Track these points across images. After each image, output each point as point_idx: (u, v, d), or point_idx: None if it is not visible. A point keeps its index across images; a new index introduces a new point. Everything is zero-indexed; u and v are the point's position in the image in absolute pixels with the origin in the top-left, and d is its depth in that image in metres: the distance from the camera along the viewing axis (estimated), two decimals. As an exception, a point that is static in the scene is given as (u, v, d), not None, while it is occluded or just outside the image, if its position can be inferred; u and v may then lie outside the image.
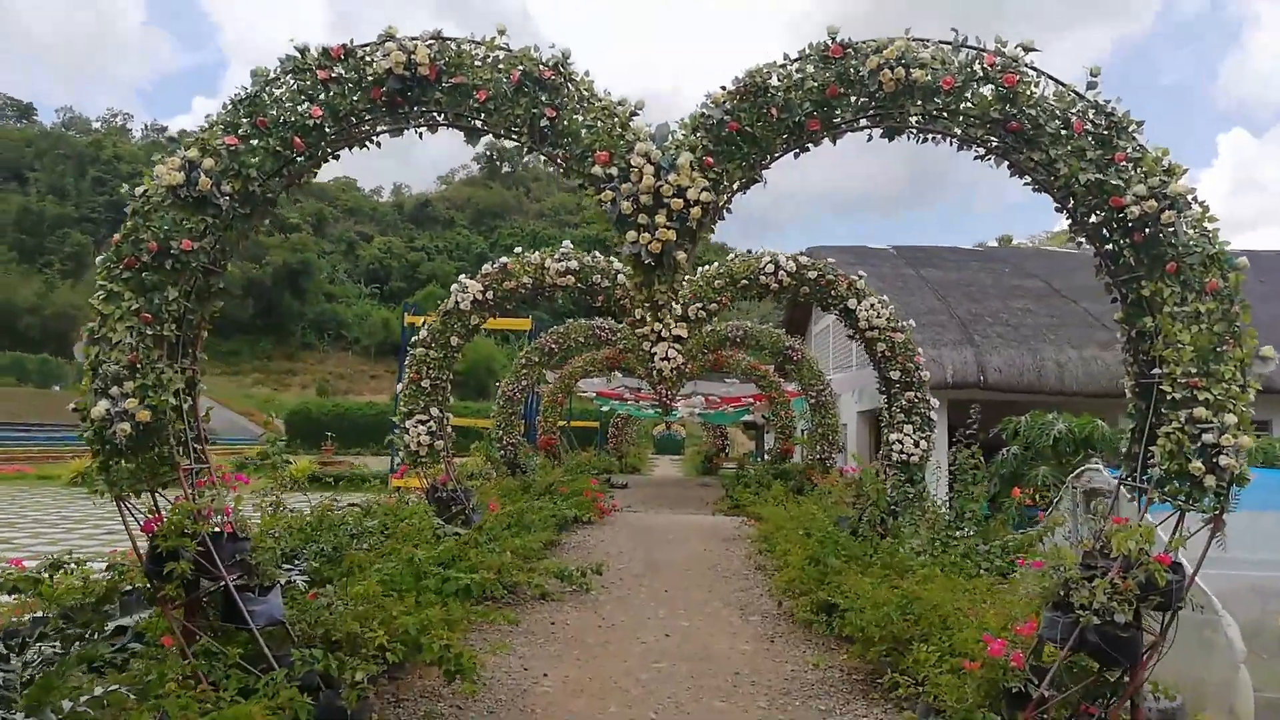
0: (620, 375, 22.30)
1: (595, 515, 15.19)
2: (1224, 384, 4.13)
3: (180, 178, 4.38)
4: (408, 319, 19.13)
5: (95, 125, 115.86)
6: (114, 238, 4.46)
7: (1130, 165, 4.36)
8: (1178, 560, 4.24)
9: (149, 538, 4.34)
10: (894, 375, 9.44)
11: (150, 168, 4.52)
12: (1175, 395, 4.20)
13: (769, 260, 9.57)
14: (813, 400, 16.68)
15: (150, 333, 4.35)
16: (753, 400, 25.41)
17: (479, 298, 9.60)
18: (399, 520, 8.33)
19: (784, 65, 4.58)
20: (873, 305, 9.47)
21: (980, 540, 7.72)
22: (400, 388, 9.73)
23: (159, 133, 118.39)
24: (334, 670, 4.24)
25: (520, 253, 9.84)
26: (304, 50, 4.64)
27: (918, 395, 9.37)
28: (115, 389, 4.28)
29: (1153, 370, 4.39)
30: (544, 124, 4.56)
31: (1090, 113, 4.45)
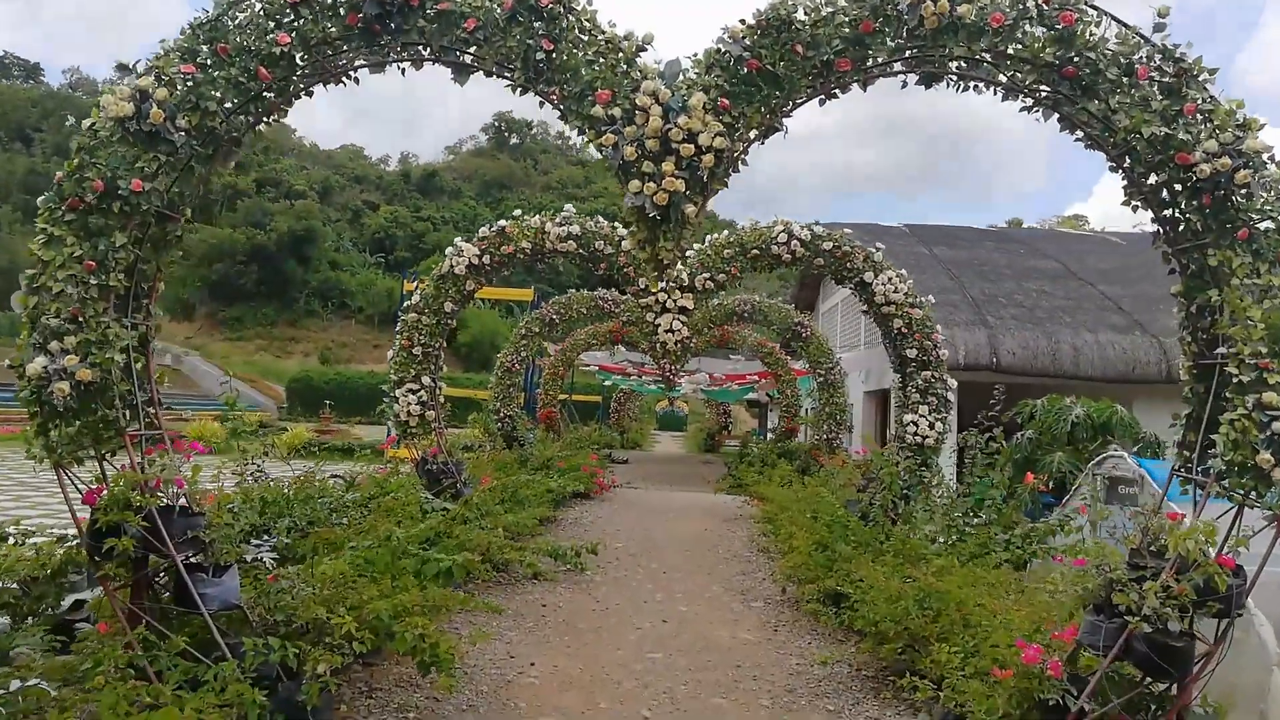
0: (623, 349, 21.84)
1: (594, 491, 14.80)
2: (1300, 367, 3.66)
3: (129, 109, 3.90)
4: (407, 286, 18.65)
5: (101, 86, 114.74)
6: (57, 175, 3.98)
7: (1201, 118, 3.86)
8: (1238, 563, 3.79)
9: (91, 510, 3.91)
10: (910, 353, 8.96)
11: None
12: (1242, 378, 3.73)
13: (781, 229, 9.06)
14: (821, 379, 16.21)
15: (95, 282, 3.89)
16: (758, 378, 24.95)
17: (475, 262, 9.11)
18: (385, 493, 7.92)
19: (812, -3, 4.07)
20: (890, 279, 8.97)
21: (999, 529, 7.27)
22: (390, 355, 9.27)
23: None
24: (292, 661, 3.81)
25: (520, 215, 9.34)
26: (272, -31, 4.14)
27: (935, 374, 8.89)
28: (55, 344, 3.82)
29: (1215, 350, 3.92)
30: (539, 58, 4.06)
31: (1156, 58, 3.95)
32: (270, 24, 4.09)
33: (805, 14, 4.00)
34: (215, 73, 4.03)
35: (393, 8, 4.05)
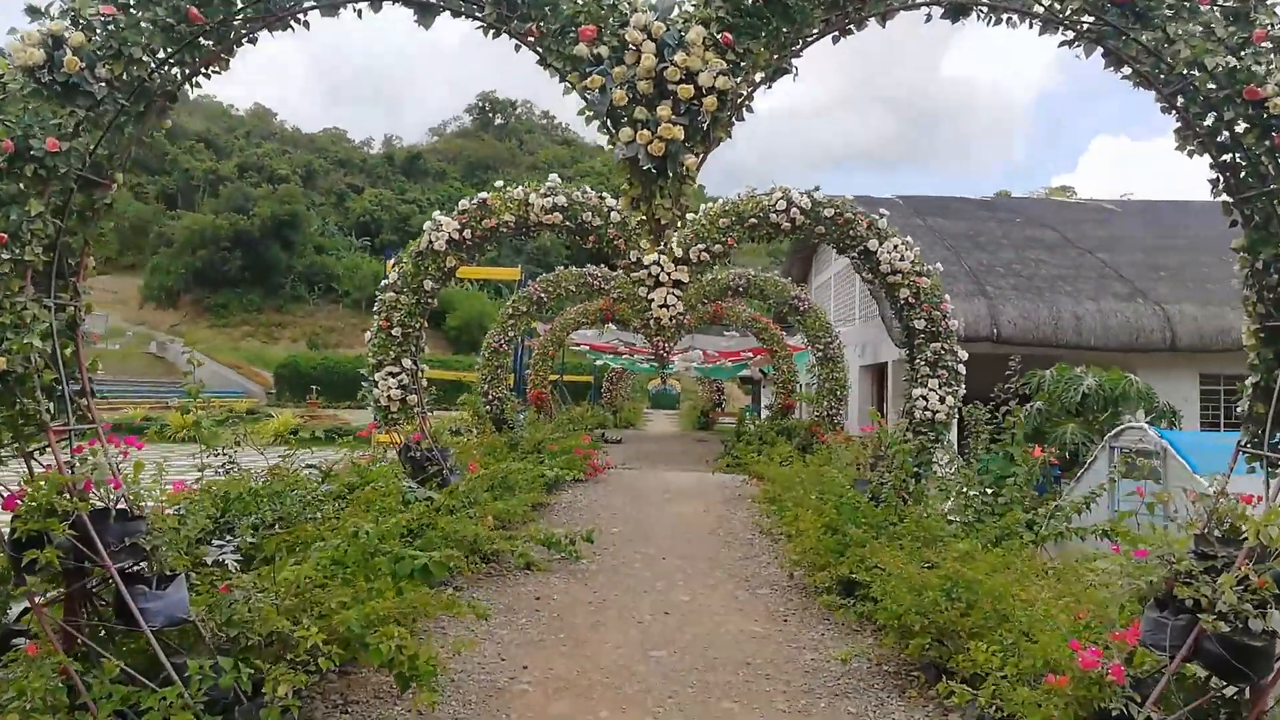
0: (614, 328, 21.36)
1: (587, 473, 14.34)
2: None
3: (40, 57, 3.38)
4: (388, 268, 18.07)
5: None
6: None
7: (1271, 46, 3.37)
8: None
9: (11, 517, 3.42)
10: (918, 325, 8.49)
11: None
12: (1322, 340, 3.28)
13: (780, 196, 8.56)
14: (820, 353, 15.76)
15: (8, 257, 3.38)
16: (752, 354, 24.50)
17: (455, 237, 8.59)
18: (365, 483, 7.44)
19: (824, -85, 3.56)
20: (895, 247, 8.49)
21: (1020, 508, 6.84)
22: (368, 337, 8.76)
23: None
24: (244, 684, 3.34)
25: (502, 187, 8.81)
26: (206, -106, 3.61)
27: (944, 346, 8.43)
28: (-37, 329, 3.33)
29: (1288, 309, 3.46)
30: (514, -10, 3.55)
31: (1220, -23, 3.46)
32: (203, -44, 3.56)
33: (819, -67, 3.50)
34: (139, 14, 3.51)
35: (344, -65, 3.53)
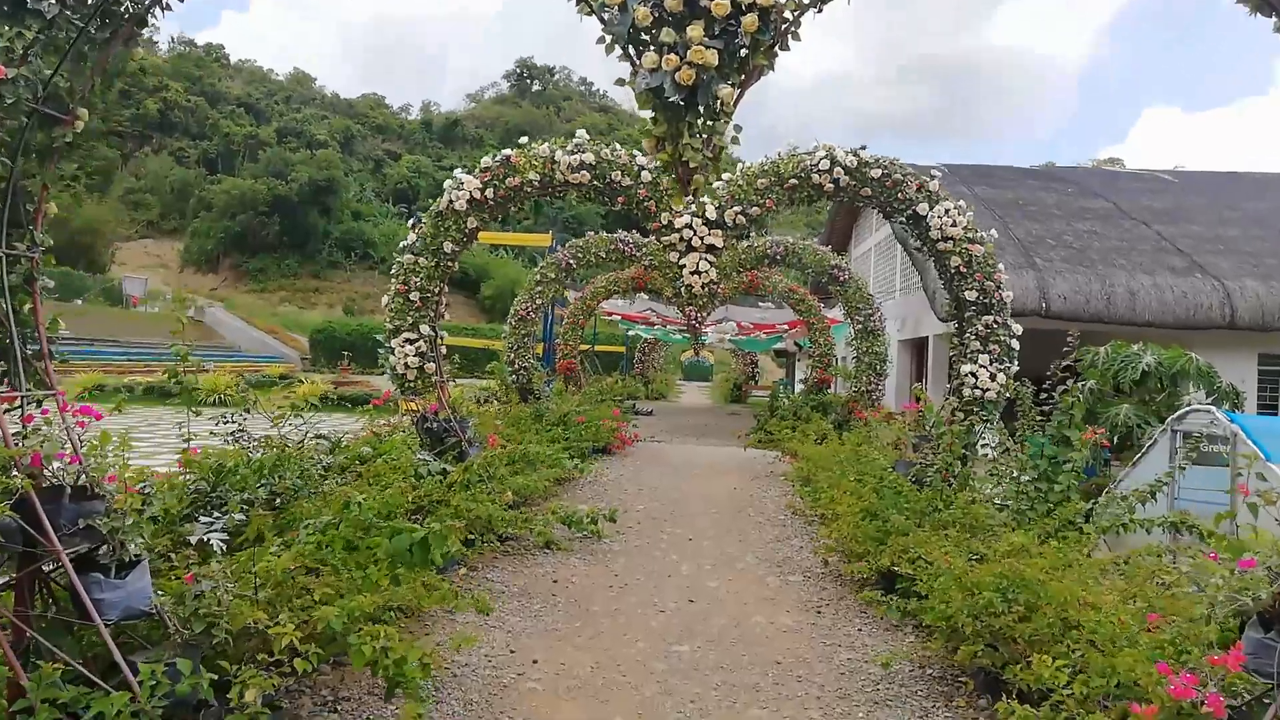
0: (646, 298, 20.83)
1: (615, 446, 13.93)
2: None
3: (-22, -35, 2.94)
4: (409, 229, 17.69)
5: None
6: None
7: None
8: None
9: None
10: (969, 296, 7.91)
11: (176, 80, 3.07)
12: None
13: (824, 155, 7.99)
14: (859, 326, 15.14)
15: (-54, 198, 2.97)
16: (788, 327, 23.87)
17: (476, 196, 8.12)
18: (377, 454, 7.06)
19: None
20: (947, 211, 7.89)
21: (1078, 496, 6.30)
22: (385, 301, 8.35)
23: (186, 45, 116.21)
24: (206, 691, 2.95)
25: (527, 144, 8.32)
26: None
27: (997, 319, 7.85)
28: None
29: None
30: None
31: None
32: None
33: None
34: (94, -81, 3.06)
35: None
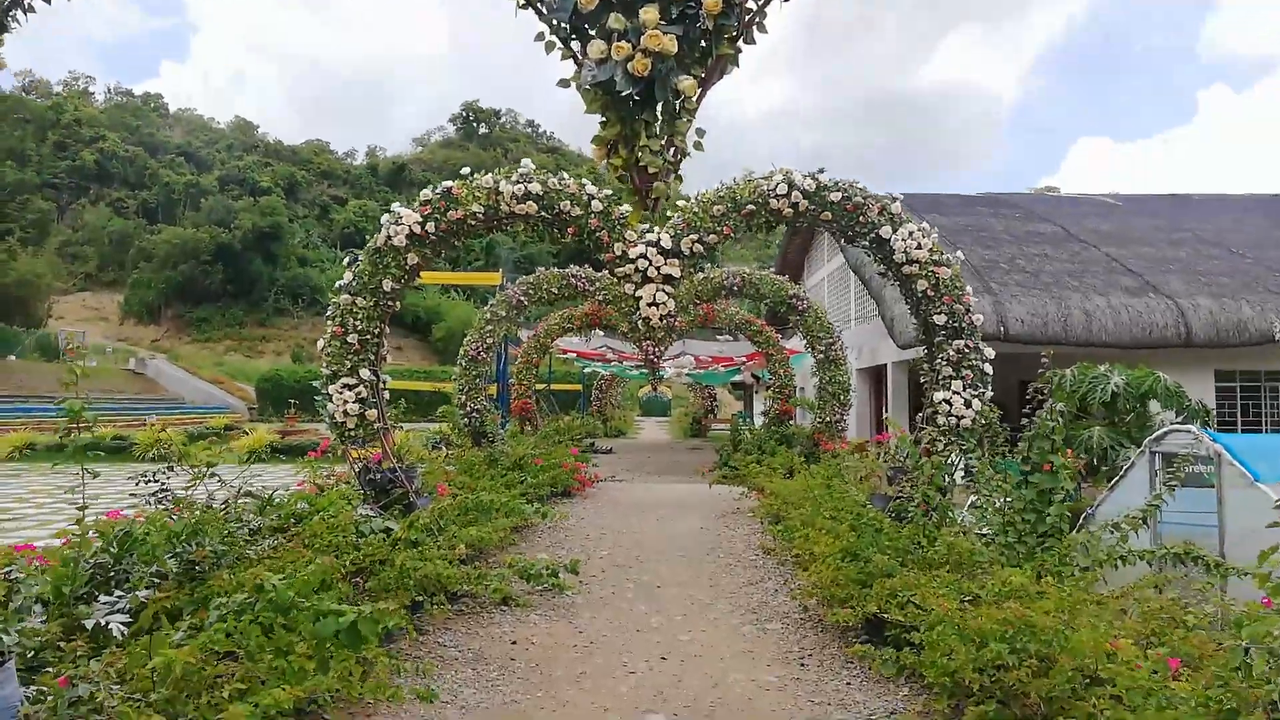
0: (601, 334, 20.42)
1: (575, 488, 13.40)
2: None
3: None
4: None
5: (57, 89, 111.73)
6: None
7: None
8: None
9: None
10: (938, 320, 7.59)
11: (114, 130, 2.54)
12: None
13: (781, 179, 7.66)
14: (820, 355, 14.84)
15: None
16: (746, 359, 23.59)
17: (417, 231, 7.64)
18: (315, 511, 6.47)
19: None
20: (911, 234, 7.60)
21: (1064, 524, 5.94)
22: (321, 345, 7.78)
23: (124, 95, 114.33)
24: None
25: (470, 175, 7.88)
26: None
27: (969, 344, 7.53)
28: None
29: None
30: None
31: None
32: None
33: None
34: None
35: None
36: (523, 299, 14.07)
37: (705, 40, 2.66)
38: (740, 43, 2.87)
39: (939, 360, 7.63)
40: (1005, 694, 3.77)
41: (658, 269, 7.67)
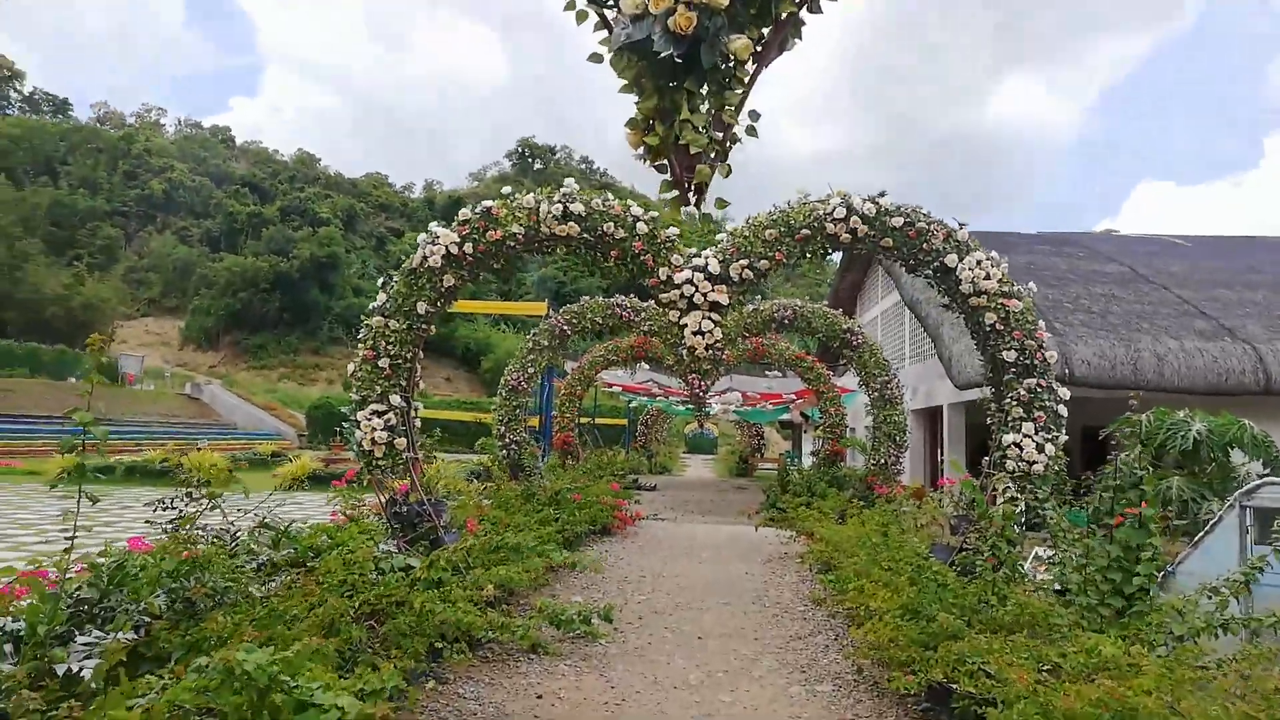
0: (647, 366, 19.98)
1: (614, 526, 12.90)
2: None
3: None
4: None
5: (130, 121, 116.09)
6: None
7: None
8: None
9: None
10: (1008, 356, 7.01)
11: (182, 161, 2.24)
12: None
13: (839, 203, 7.18)
14: (875, 393, 14.20)
15: None
16: (795, 396, 22.94)
17: (454, 251, 7.31)
18: (335, 545, 6.08)
19: None
20: (979, 263, 7.05)
21: (1151, 585, 5.30)
22: (351, 369, 7.45)
23: (193, 127, 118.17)
24: None
25: (510, 194, 7.54)
26: None
27: (1041, 382, 6.93)
28: None
29: None
30: None
31: None
32: None
33: None
34: None
35: None
36: (566, 328, 13.71)
37: (763, -3, 2.22)
38: (805, 10, 2.44)
39: (1008, 400, 7.03)
40: (1104, 793, 3.18)
41: (704, 295, 7.23)
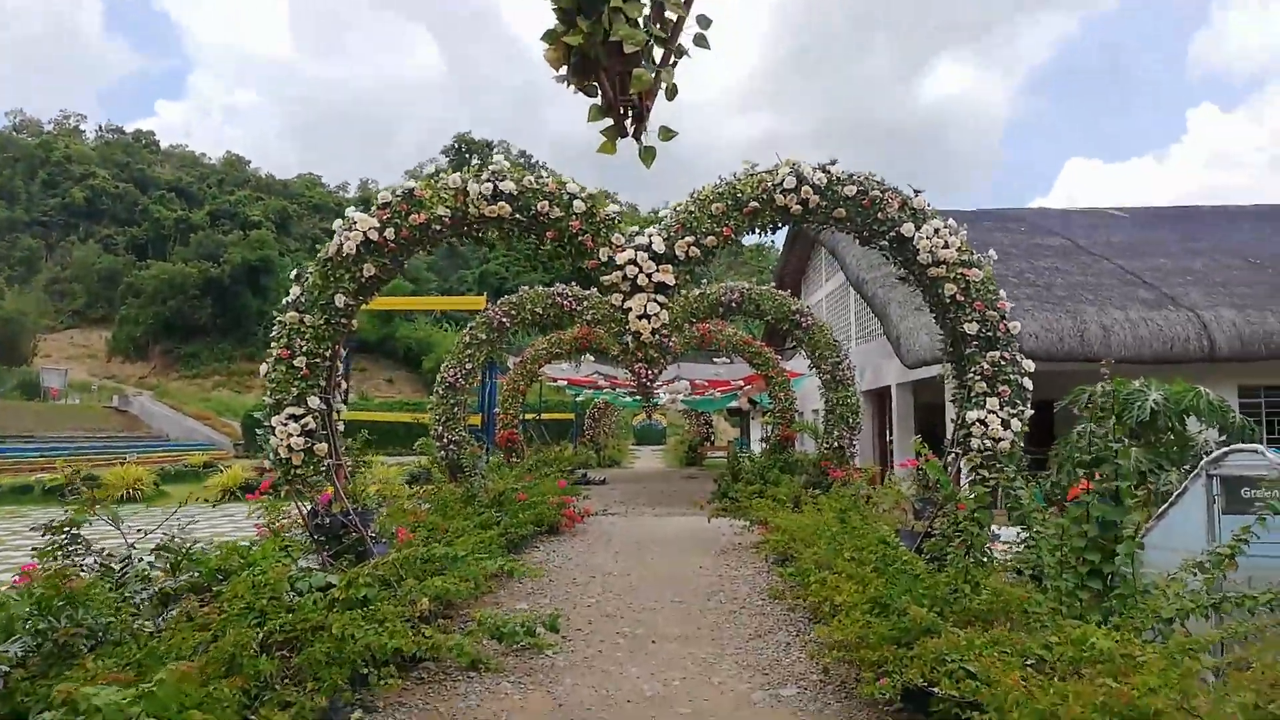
0: (592, 358, 19.46)
1: (563, 524, 12.38)
2: None
3: None
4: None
5: (48, 128, 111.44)
6: None
7: None
8: None
9: None
10: (969, 329, 6.66)
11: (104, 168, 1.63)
12: None
13: (788, 172, 6.74)
14: (826, 375, 13.86)
15: None
16: (744, 382, 22.61)
17: (374, 238, 6.70)
18: (248, 564, 5.47)
19: None
20: (937, 231, 6.67)
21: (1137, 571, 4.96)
22: (264, 371, 6.79)
23: (114, 133, 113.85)
24: None
25: (434, 174, 6.95)
26: None
27: (1005, 355, 6.59)
28: None
29: None
30: None
31: None
32: None
33: None
34: None
35: None
36: (504, 320, 13.09)
37: None
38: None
39: (970, 375, 6.68)
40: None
41: (649, 276, 6.74)
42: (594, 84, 1.91)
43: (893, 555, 5.73)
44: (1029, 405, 6.69)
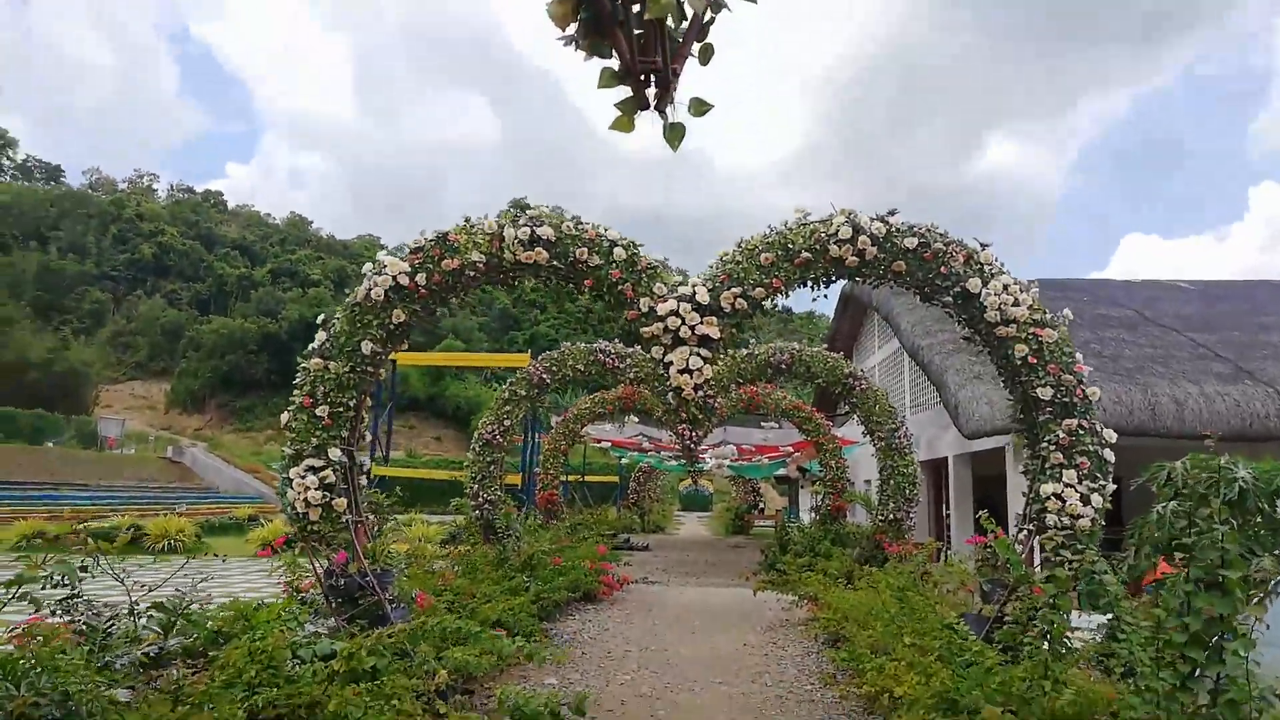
0: (635, 419, 19.00)
1: (600, 591, 11.80)
2: None
3: None
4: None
5: (121, 187, 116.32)
6: None
7: None
8: None
9: None
10: (1043, 394, 6.09)
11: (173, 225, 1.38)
12: None
13: (844, 221, 6.31)
14: (881, 443, 13.19)
15: None
16: (793, 449, 21.89)
17: (404, 283, 6.39)
18: (251, 627, 5.05)
19: None
20: (1006, 288, 6.16)
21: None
22: (285, 419, 6.45)
23: (185, 192, 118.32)
24: None
25: (470, 221, 6.66)
26: None
27: (1083, 424, 5.99)
28: None
29: None
30: None
31: None
32: None
33: None
34: None
35: None
36: (545, 376, 12.74)
37: None
38: None
39: (1045, 445, 6.08)
40: None
41: (691, 329, 6.31)
42: (608, 44, 1.53)
43: (961, 644, 5.10)
44: (1110, 479, 6.06)
